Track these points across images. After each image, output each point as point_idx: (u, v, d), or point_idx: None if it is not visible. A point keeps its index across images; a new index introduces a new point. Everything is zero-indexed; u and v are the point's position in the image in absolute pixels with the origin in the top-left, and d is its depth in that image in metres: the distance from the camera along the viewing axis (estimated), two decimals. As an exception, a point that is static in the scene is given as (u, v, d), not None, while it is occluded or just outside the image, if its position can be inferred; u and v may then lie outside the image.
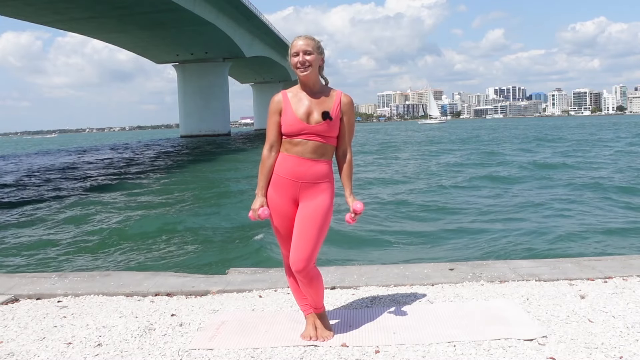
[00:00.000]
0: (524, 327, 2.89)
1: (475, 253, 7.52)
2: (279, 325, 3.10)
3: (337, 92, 2.85)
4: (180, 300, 3.73)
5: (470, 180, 16.69)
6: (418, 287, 3.74)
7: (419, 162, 25.42)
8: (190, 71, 68.00)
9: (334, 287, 3.79)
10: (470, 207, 11.56)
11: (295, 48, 2.76)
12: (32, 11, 42.11)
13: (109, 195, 15.88)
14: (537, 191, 13.76)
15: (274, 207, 2.83)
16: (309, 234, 2.76)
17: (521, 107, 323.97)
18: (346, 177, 2.89)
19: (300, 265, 2.75)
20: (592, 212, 10.64)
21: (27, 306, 3.68)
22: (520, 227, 9.32)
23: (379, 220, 10.35)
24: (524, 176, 17.21)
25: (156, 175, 22.49)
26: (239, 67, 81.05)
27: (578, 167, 19.87)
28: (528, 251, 7.49)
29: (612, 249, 7.63)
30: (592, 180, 15.33)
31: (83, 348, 2.88)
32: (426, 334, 2.85)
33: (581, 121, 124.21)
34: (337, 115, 2.81)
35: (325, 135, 2.77)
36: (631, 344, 2.64)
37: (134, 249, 8.51)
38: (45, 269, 7.16)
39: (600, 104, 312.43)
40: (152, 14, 45.24)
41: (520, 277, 3.84)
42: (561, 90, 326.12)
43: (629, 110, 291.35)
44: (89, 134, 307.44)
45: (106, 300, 3.77)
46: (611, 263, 4.10)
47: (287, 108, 2.79)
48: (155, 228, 10.21)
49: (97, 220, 11.43)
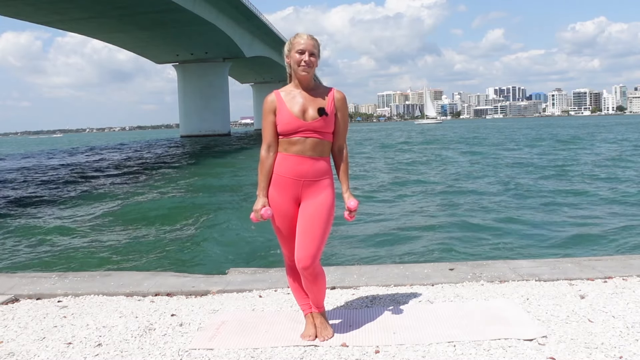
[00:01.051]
0: (524, 327, 2.89)
1: (475, 253, 7.52)
2: (279, 325, 3.10)
3: (330, 89, 2.88)
4: (180, 300, 3.73)
5: (470, 180, 16.70)
6: (418, 287, 3.75)
7: (418, 162, 25.40)
8: (190, 71, 68.06)
9: (334, 287, 3.80)
10: (470, 207, 11.55)
11: (302, 46, 2.76)
12: (32, 11, 42.15)
13: (109, 195, 15.88)
14: (539, 190, 13.75)
15: (276, 207, 2.83)
16: (314, 231, 2.77)
17: (521, 107, 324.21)
18: (343, 173, 2.91)
19: (306, 263, 2.76)
20: (592, 211, 10.63)
21: (27, 306, 3.68)
22: (520, 227, 9.33)
23: (379, 220, 10.35)
24: (524, 177, 17.21)
25: (156, 175, 22.50)
26: (239, 67, 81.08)
27: (588, 166, 19.82)
28: (528, 251, 7.49)
29: (612, 249, 7.63)
30: (602, 179, 15.31)
31: (83, 348, 2.88)
32: (426, 334, 2.86)
33: (584, 121, 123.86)
34: (332, 111, 2.83)
35: (322, 132, 2.79)
36: (631, 344, 2.64)
37: (134, 249, 8.51)
38: (45, 269, 7.15)
39: (600, 104, 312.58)
40: (152, 14, 45.28)
41: (520, 277, 3.84)
42: (561, 90, 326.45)
43: (629, 110, 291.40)
44: (89, 134, 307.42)
45: (106, 300, 3.77)
46: (611, 263, 4.11)
47: (281, 107, 2.80)
48: (155, 228, 10.22)
49: (97, 220, 11.43)
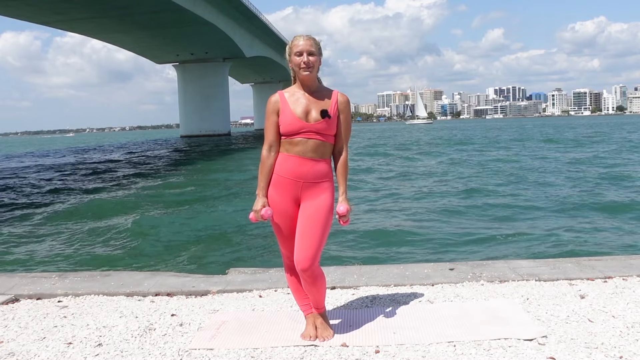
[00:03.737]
0: (524, 327, 2.89)
1: (475, 253, 7.52)
2: (279, 325, 3.10)
3: (333, 91, 2.88)
4: (181, 300, 3.73)
5: (470, 180, 16.70)
6: (418, 287, 3.75)
7: (418, 162, 25.41)
8: (191, 71, 68.05)
9: (334, 287, 3.80)
10: (470, 207, 11.55)
11: (299, 48, 2.76)
12: (32, 11, 42.15)
13: (109, 195, 15.89)
14: (540, 191, 13.75)
15: (275, 207, 2.83)
16: (313, 233, 2.77)
17: (521, 107, 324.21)
18: (340, 176, 2.89)
19: (305, 264, 2.76)
20: (592, 211, 10.63)
21: (27, 306, 3.68)
22: (521, 226, 9.33)
23: (380, 220, 10.35)
24: (525, 176, 17.21)
25: (156, 175, 22.50)
26: (239, 67, 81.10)
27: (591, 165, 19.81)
28: (528, 251, 7.49)
29: (612, 249, 7.62)
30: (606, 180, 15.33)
31: (83, 348, 2.88)
32: (426, 334, 2.85)
33: (587, 121, 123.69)
34: (335, 113, 2.82)
35: (325, 134, 2.79)
36: (631, 344, 2.64)
37: (134, 249, 8.51)
38: (46, 269, 7.15)
39: (600, 104, 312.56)
40: (152, 14, 45.27)
41: (520, 277, 3.84)
42: (561, 90, 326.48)
43: (629, 110, 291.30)
44: (91, 134, 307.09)
45: (106, 300, 3.77)
46: (611, 263, 4.10)
47: (284, 108, 2.80)
48: (155, 228, 10.21)
49: (97, 220, 11.43)
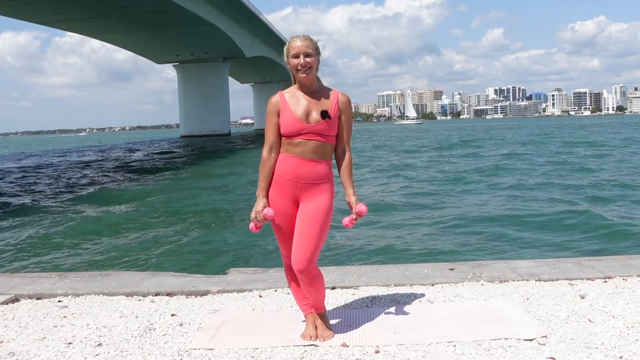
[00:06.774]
0: (524, 327, 2.89)
1: (475, 253, 7.51)
2: (279, 325, 3.10)
3: (334, 91, 2.86)
4: (181, 300, 3.73)
5: (471, 180, 16.70)
6: (418, 287, 3.75)
7: (417, 162, 25.40)
8: (191, 71, 68.06)
9: (334, 287, 3.80)
10: (470, 207, 11.56)
11: (295, 50, 2.75)
12: (32, 11, 42.14)
13: (109, 195, 15.89)
14: (540, 190, 13.75)
15: (275, 207, 2.82)
16: (311, 234, 2.76)
17: (521, 107, 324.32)
18: (347, 177, 2.87)
19: (302, 265, 2.75)
20: (592, 211, 10.62)
21: (27, 306, 3.68)
22: (520, 226, 9.32)
23: (379, 220, 10.35)
24: (526, 177, 17.21)
25: (156, 175, 22.48)
26: (239, 67, 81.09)
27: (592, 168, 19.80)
28: (528, 251, 7.49)
29: (612, 249, 7.62)
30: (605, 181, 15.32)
31: (83, 348, 2.88)
32: (426, 334, 2.85)
33: (590, 121, 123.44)
34: (336, 114, 2.81)
35: (325, 135, 2.78)
36: (631, 344, 2.64)
37: (134, 249, 8.51)
38: (46, 269, 7.15)
39: (600, 104, 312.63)
40: (152, 14, 45.26)
41: (520, 277, 3.84)
42: (561, 90, 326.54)
43: (629, 110, 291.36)
44: (90, 134, 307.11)
45: (106, 300, 3.77)
46: (611, 263, 4.11)
47: (285, 109, 2.79)
48: (155, 228, 10.22)
49: (97, 220, 11.43)
